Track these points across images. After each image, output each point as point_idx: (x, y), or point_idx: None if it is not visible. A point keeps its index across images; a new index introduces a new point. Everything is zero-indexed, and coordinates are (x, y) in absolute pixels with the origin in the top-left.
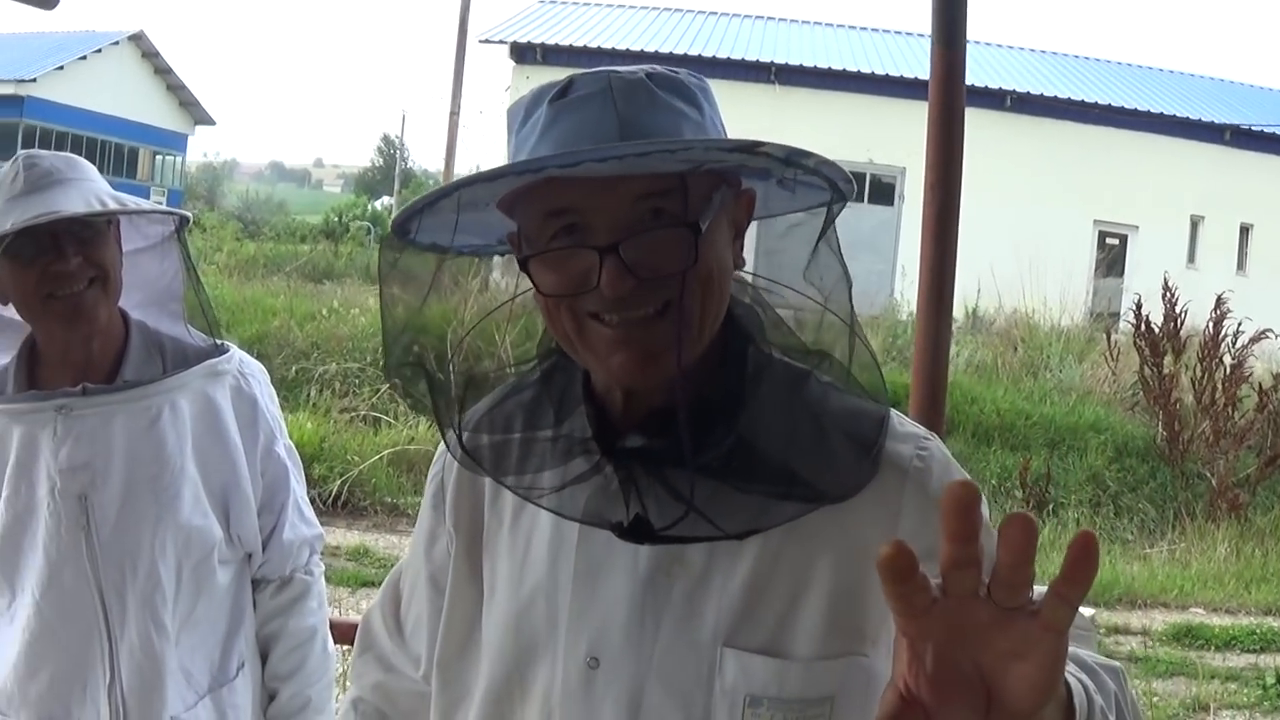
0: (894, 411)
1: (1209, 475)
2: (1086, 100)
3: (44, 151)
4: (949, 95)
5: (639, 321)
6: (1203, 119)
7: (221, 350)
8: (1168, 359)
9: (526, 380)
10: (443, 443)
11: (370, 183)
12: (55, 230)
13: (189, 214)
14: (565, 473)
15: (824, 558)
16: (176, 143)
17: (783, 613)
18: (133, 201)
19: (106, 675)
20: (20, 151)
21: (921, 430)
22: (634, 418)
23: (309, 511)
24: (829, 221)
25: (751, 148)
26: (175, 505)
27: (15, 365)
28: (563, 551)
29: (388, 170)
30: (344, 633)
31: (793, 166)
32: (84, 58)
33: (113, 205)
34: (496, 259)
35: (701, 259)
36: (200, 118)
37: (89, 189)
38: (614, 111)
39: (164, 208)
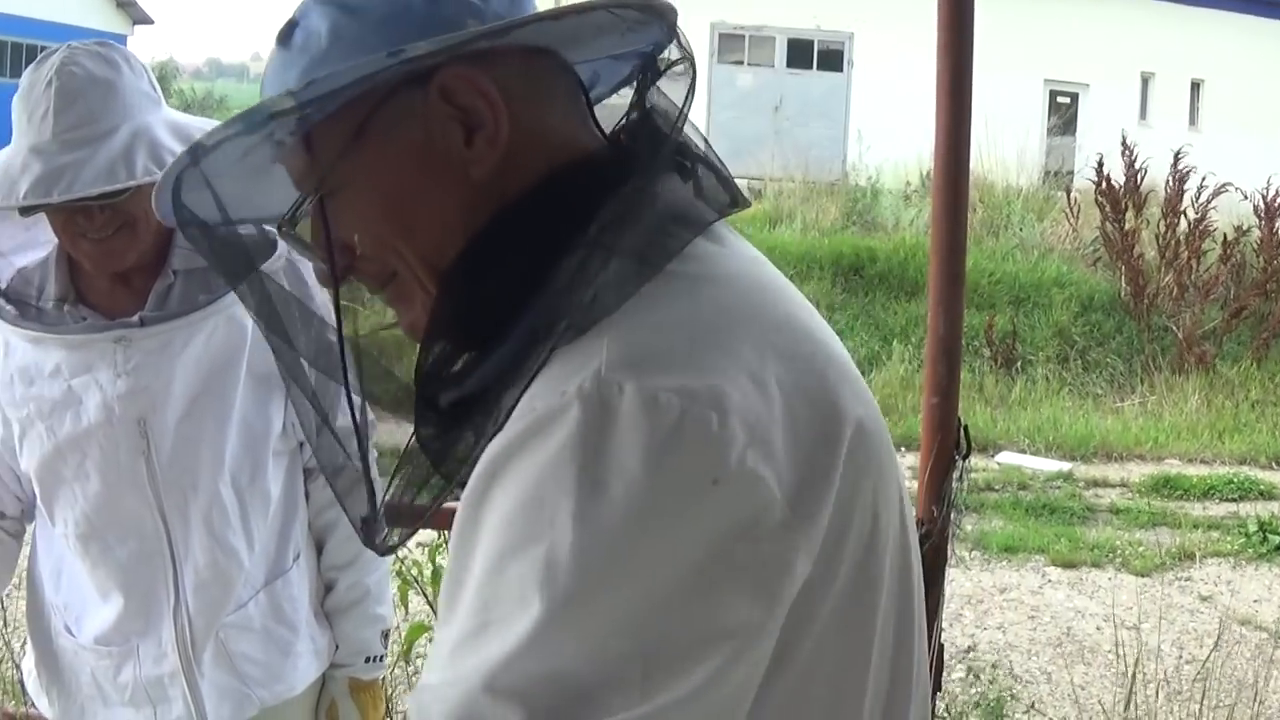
0: None
1: (1174, 329)
2: None
3: (79, 72)
4: None
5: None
6: None
7: (269, 240)
8: (1129, 214)
9: None
10: None
11: None
12: None
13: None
14: None
15: None
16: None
17: None
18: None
19: (171, 598)
20: (55, 63)
21: None
22: None
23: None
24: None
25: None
26: (232, 418)
27: (55, 271)
28: None
29: None
30: None
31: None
32: None
33: (140, 174)
34: None
35: (343, 226)
36: (138, 17)
37: (122, 146)
38: None
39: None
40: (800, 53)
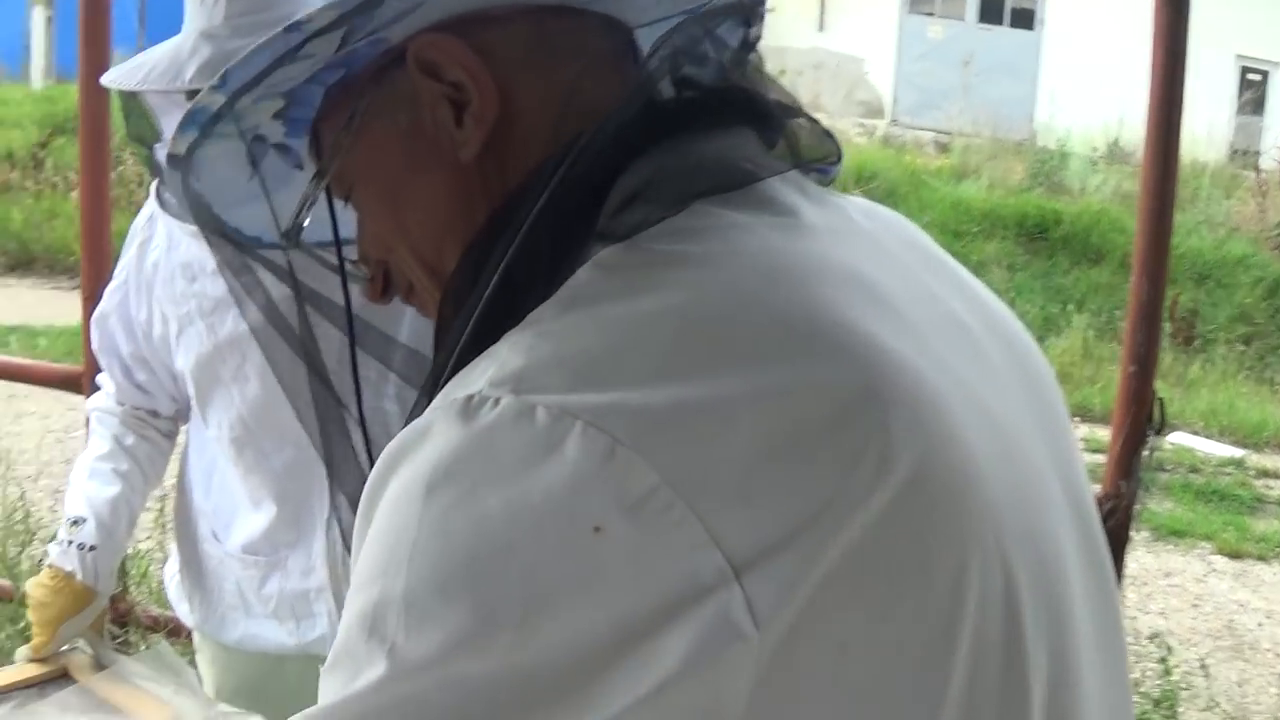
0: None
1: None
2: None
3: None
4: None
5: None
6: None
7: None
8: None
9: None
10: None
11: None
12: None
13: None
14: None
15: None
16: None
17: None
18: None
19: (325, 511)
20: None
21: None
22: None
23: None
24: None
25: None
26: (401, 330)
27: None
28: None
29: None
30: None
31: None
32: None
33: None
34: None
35: (359, 231)
36: None
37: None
38: None
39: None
40: (992, 8)
